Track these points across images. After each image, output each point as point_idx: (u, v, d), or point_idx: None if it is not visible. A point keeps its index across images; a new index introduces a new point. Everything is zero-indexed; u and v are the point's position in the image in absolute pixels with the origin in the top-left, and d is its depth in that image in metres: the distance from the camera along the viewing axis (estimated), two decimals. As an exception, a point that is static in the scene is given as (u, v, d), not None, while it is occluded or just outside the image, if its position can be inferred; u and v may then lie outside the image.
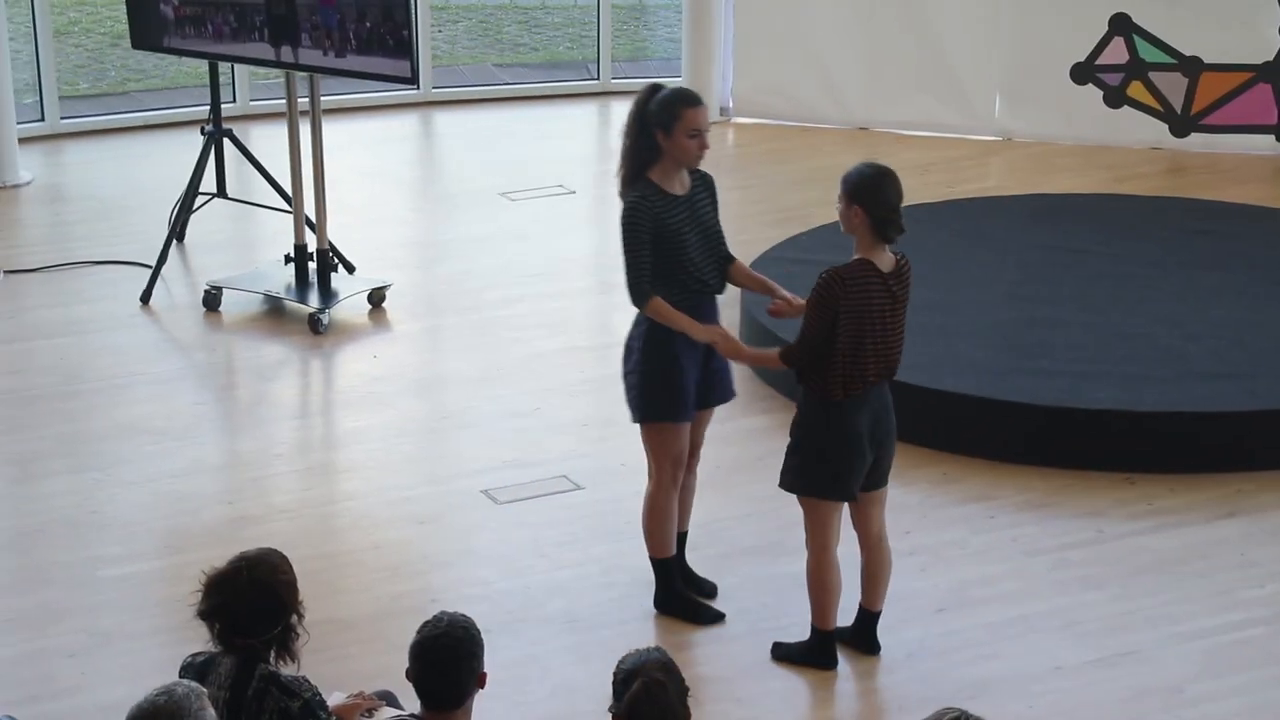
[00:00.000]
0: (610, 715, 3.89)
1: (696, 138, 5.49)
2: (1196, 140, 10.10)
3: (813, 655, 5.58)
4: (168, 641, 5.57)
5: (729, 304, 6.63)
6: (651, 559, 5.80)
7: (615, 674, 3.92)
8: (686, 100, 5.51)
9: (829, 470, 5.39)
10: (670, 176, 5.55)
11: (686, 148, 5.50)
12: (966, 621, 5.82)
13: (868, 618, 5.65)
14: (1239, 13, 9.86)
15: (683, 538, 5.92)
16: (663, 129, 5.49)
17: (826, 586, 5.51)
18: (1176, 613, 5.87)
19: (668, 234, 5.52)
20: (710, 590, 5.94)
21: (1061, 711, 5.38)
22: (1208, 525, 6.41)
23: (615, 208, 10.01)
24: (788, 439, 5.47)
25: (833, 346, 5.27)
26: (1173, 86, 10.03)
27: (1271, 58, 9.87)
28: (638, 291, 5.52)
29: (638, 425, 5.69)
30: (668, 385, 5.58)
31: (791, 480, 5.48)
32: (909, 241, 5.43)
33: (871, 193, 5.26)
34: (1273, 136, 10.01)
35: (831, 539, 5.49)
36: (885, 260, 5.31)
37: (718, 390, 5.77)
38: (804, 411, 5.44)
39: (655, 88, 5.57)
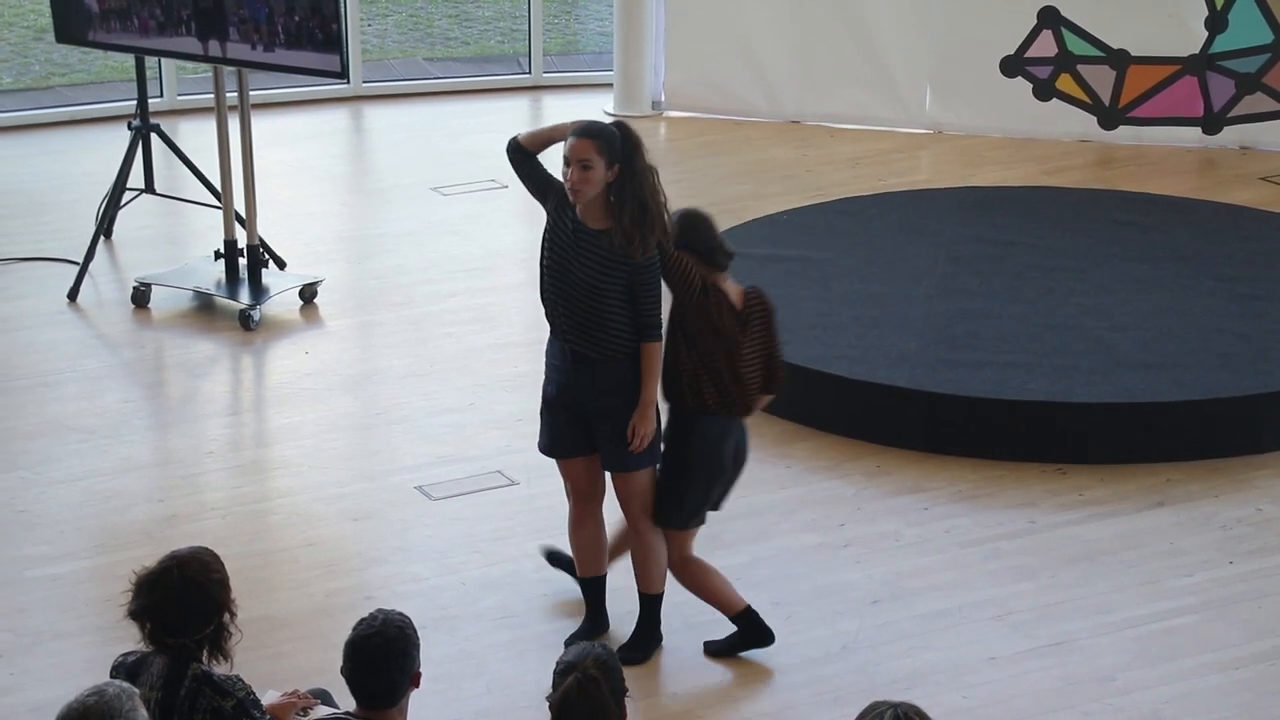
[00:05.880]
0: (547, 704, 3.89)
1: (567, 166, 5.28)
2: (1124, 133, 10.19)
3: (746, 639, 5.60)
4: (98, 641, 5.52)
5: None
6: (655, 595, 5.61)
7: (557, 664, 3.94)
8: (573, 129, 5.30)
9: (710, 490, 5.45)
10: (591, 208, 5.31)
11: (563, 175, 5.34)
12: (901, 613, 5.85)
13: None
14: (1165, 6, 9.96)
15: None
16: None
17: (707, 581, 5.55)
18: (1107, 602, 5.92)
19: (543, 248, 5.42)
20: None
21: (995, 701, 5.42)
22: (1137, 515, 6.48)
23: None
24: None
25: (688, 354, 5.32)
26: (1101, 79, 10.11)
27: (1197, 50, 9.98)
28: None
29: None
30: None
31: (682, 516, 5.45)
32: (841, 233, 5.44)
33: (689, 237, 5.36)
34: (1198, 129, 10.11)
35: (691, 547, 5.54)
36: (732, 290, 5.36)
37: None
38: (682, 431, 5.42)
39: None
